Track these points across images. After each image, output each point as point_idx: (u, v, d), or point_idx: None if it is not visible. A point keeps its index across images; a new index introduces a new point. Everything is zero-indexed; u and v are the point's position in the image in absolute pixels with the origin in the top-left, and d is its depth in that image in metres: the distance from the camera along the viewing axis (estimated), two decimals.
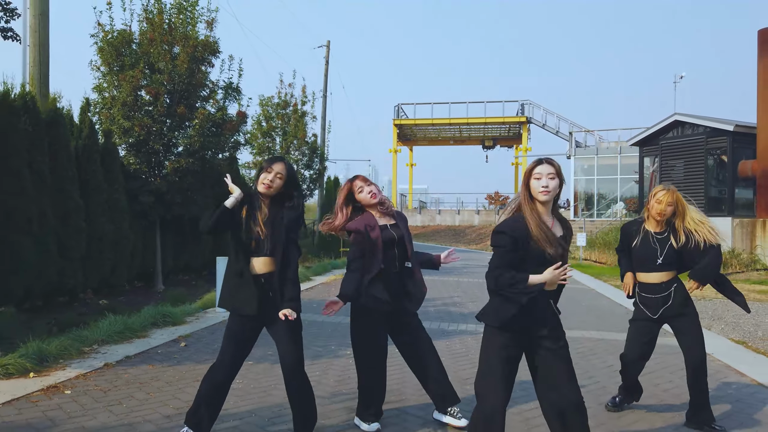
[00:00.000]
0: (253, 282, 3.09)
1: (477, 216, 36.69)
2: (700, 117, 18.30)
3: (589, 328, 7.09)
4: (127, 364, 4.97)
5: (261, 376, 4.65)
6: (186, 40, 10.84)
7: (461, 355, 5.58)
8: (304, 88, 18.06)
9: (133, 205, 10.47)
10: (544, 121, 34.99)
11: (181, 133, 11.08)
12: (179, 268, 12.76)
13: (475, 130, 37.99)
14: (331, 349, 5.76)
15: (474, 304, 8.75)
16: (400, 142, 38.28)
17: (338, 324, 6.89)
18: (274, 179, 3.16)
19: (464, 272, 13.81)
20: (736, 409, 4.10)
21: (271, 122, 16.90)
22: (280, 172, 3.18)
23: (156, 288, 11.11)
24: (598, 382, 4.75)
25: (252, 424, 3.63)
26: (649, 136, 19.53)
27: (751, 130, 16.80)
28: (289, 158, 16.90)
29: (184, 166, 10.70)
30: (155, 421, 3.64)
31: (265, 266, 3.15)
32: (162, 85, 10.49)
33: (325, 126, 24.66)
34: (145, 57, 10.58)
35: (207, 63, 11.32)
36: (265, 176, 3.16)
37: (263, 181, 3.16)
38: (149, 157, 10.88)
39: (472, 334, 6.52)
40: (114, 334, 5.67)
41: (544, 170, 2.70)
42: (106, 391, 4.21)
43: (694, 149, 18.14)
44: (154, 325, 6.35)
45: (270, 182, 3.15)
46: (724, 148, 17.52)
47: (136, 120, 10.30)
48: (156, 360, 5.13)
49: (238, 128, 11.98)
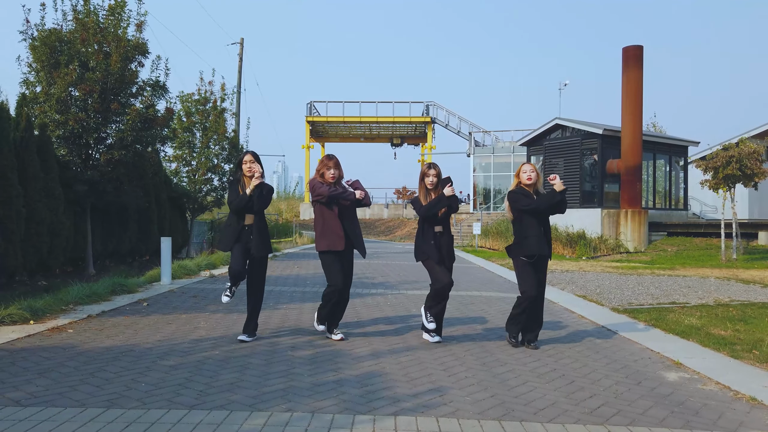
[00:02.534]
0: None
1: (386, 210, 38.69)
2: (576, 121, 21.07)
3: (481, 290, 8.94)
4: (105, 316, 6.13)
5: (220, 322, 6.00)
6: (118, 41, 11.67)
7: (373, 306, 7.17)
8: (223, 85, 18.98)
9: (67, 193, 11.20)
10: (447, 122, 37.55)
11: (113, 127, 11.91)
12: (107, 254, 13.48)
13: (384, 129, 39.91)
14: (269, 305, 7.17)
15: (383, 278, 10.42)
16: (312, 139, 39.46)
17: (286, 290, 8.29)
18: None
19: (374, 257, 15.55)
20: (564, 331, 5.97)
21: (191, 118, 17.71)
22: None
23: (87, 272, 11.87)
24: (488, 321, 6.50)
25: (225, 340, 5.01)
26: (535, 137, 22.14)
27: (617, 133, 19.66)
28: (209, 152, 17.81)
29: (116, 157, 11.54)
30: (151, 342, 4.93)
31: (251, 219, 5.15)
32: (95, 83, 11.27)
33: (239, 121, 25.54)
34: (78, 56, 11.32)
35: (138, 63, 12.19)
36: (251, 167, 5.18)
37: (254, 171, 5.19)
38: (81, 149, 11.63)
39: (381, 295, 8.15)
40: (84, 297, 6.74)
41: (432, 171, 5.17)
42: (100, 329, 5.41)
43: (572, 149, 20.89)
44: (113, 292, 7.44)
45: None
46: (596, 149, 20.35)
47: (70, 114, 11.03)
48: (127, 313, 6.33)
49: (167, 123, 12.92)
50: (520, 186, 5.14)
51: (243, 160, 5.21)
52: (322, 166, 5.17)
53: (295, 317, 6.34)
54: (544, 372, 4.30)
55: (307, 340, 5.19)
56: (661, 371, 4.37)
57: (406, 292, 8.67)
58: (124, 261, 14.10)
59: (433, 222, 5.12)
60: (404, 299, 7.88)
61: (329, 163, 5.14)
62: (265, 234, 5.19)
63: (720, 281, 10.44)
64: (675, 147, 22.26)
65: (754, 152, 14.32)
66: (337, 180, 5.18)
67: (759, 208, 22.96)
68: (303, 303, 7.36)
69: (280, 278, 10.29)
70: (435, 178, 5.12)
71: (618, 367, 4.47)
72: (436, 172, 5.15)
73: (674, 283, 10.12)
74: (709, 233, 18.35)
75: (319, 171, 5.16)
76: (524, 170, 5.16)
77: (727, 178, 14.54)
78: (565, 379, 4.12)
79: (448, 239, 5.19)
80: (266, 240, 5.22)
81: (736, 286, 9.63)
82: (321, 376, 4.06)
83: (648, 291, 8.91)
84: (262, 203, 5.14)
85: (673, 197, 22.69)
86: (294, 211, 39.95)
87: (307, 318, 6.29)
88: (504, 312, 6.63)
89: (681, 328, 5.87)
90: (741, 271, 12.45)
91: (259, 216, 5.19)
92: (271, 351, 4.75)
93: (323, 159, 5.22)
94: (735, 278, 10.90)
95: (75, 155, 11.67)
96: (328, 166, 5.13)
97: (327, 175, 5.10)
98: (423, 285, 9.44)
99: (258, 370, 4.15)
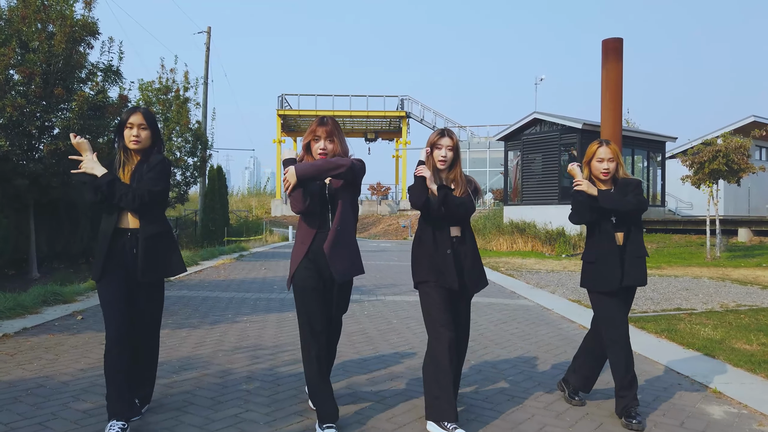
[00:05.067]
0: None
1: (360, 206, 37.73)
2: (555, 115, 20.48)
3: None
4: (26, 334, 5.11)
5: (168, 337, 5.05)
6: (63, 20, 10.52)
7: (347, 316, 6.29)
8: (186, 74, 17.84)
9: (5, 188, 10.04)
10: (422, 116, 36.78)
11: (58, 115, 10.75)
12: (55, 255, 12.31)
13: (358, 123, 38.94)
14: (228, 317, 6.21)
15: (357, 281, 9.55)
16: (284, 133, 38.25)
17: (231, 298, 7.33)
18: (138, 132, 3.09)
19: None
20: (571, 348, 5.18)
21: (151, 107, 16.51)
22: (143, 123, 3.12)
23: (31, 275, 10.72)
24: None
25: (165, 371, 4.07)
26: (513, 132, 21.48)
27: (596, 127, 19.11)
28: (171, 145, 16.66)
29: (62, 148, 10.40)
30: (71, 373, 3.96)
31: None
32: (37, 65, 10.11)
33: (206, 113, 24.33)
34: (17, 35, 10.14)
35: (86, 44, 11.05)
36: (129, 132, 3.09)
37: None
38: (22, 139, 10.45)
39: (356, 302, 7.27)
40: (5, 310, 5.70)
41: (445, 142, 3.20)
42: (12, 354, 4.41)
43: (550, 144, 20.28)
44: (44, 303, 6.40)
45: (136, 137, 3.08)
46: (575, 143, 19.78)
47: (8, 100, 9.85)
48: (55, 330, 5.31)
49: (120, 112, 11.78)
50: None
51: (128, 123, 3.11)
52: (308, 135, 3.17)
53: (256, 333, 5.42)
54: (561, 411, 3.48)
55: (267, 367, 4.27)
56: (702, 404, 3.58)
57: (384, 298, 7.81)
58: (75, 263, 12.93)
59: (447, 220, 3.20)
60: (382, 307, 7.02)
61: (319, 131, 3.12)
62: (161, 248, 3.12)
63: (714, 282, 9.84)
64: (653, 142, 21.87)
65: (741, 147, 13.84)
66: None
67: (735, 204, 22.77)
68: (267, 314, 6.43)
69: (245, 282, 9.32)
70: (450, 151, 3.20)
71: (649, 399, 3.66)
72: (453, 143, 3.22)
73: (669, 284, 9.47)
74: (688, 230, 17.95)
75: (304, 143, 3.20)
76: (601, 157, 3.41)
77: (713, 173, 14.04)
78: (592, 421, 3.30)
79: (472, 248, 3.27)
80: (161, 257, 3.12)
81: (734, 288, 9.02)
82: (281, 423, 3.16)
83: (645, 294, 8.21)
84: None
85: (650, 193, 22.31)
86: (265, 207, 38.71)
87: (269, 334, 5.37)
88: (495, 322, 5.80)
89: (700, 342, 5.13)
90: (730, 270, 11.92)
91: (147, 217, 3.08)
92: (221, 384, 3.81)
93: (313, 123, 3.20)
94: (728, 278, 10.33)
95: (15, 146, 10.46)
96: (316, 135, 3.12)
97: (314, 150, 3.12)
98: (402, 290, 8.59)
99: (200, 416, 3.22)
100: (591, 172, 3.44)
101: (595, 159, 3.40)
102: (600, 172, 3.38)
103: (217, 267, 11.72)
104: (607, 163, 3.36)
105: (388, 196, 38.87)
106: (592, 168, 3.43)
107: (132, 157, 3.13)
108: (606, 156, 3.37)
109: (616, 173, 3.42)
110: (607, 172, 3.38)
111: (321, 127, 3.12)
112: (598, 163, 3.39)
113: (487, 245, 18.79)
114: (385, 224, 30.99)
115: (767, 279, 10.19)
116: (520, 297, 8.07)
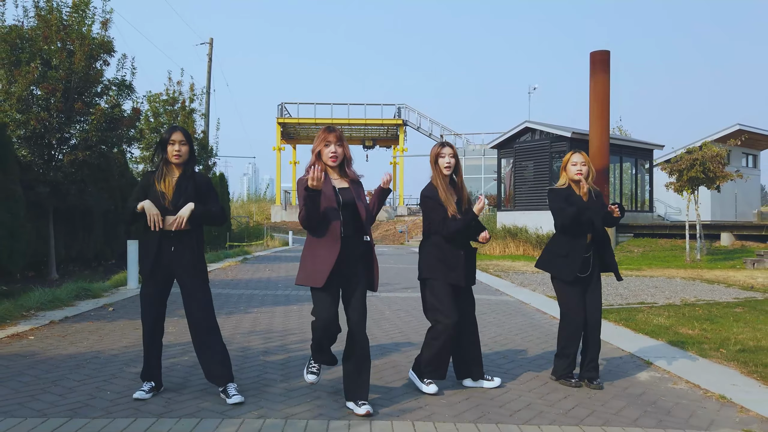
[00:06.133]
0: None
1: None
2: (545, 124, 21.34)
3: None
4: (68, 322, 5.92)
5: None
6: (82, 39, 11.36)
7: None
8: (192, 86, 18.70)
9: (29, 196, 10.84)
10: (419, 124, 37.68)
11: (77, 127, 11.58)
12: (71, 258, 13.10)
13: (356, 131, 39.83)
14: (240, 308, 7.03)
15: None
16: (283, 141, 39.12)
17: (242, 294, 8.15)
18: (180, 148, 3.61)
19: None
20: (537, 332, 6.00)
21: (159, 118, 17.37)
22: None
23: (50, 276, 11.51)
24: None
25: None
26: (506, 140, 22.34)
27: (585, 136, 19.93)
28: None
29: (81, 158, 11.21)
30: (117, 348, 4.77)
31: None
32: (58, 82, 10.94)
33: (209, 122, 25.18)
34: (40, 54, 10.98)
35: (102, 61, 11.89)
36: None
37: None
38: (43, 150, 11.27)
39: None
40: (45, 302, 6.51)
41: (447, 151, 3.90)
42: (63, 336, 5.22)
43: (541, 152, 21.13)
44: (77, 297, 7.20)
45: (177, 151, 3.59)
46: (565, 152, 20.63)
47: (32, 114, 10.68)
48: (92, 318, 6.13)
49: (134, 124, 12.62)
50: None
51: (171, 140, 3.62)
52: (319, 143, 3.49)
53: (267, 321, 6.23)
54: (518, 374, 4.30)
55: (279, 345, 5.09)
56: (633, 371, 4.41)
57: (379, 294, 8.62)
58: (89, 265, 13.71)
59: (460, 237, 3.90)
60: (377, 301, 7.83)
61: (329, 137, 3.48)
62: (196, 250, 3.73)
63: (686, 281, 10.67)
64: (641, 150, 22.71)
65: (716, 155, 14.70)
66: (342, 163, 3.55)
67: (721, 210, 23.60)
68: (275, 306, 7.24)
69: (251, 282, 10.13)
70: (452, 158, 3.88)
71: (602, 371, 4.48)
72: (453, 151, 3.92)
73: (641, 283, 10.30)
74: (674, 234, 18.74)
75: (315, 150, 3.50)
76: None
77: (691, 180, 14.89)
78: (539, 381, 4.12)
79: (474, 250, 4.05)
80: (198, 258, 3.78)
81: (701, 286, 9.85)
82: (294, 381, 3.97)
83: (617, 291, 9.03)
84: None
85: (639, 199, 23.13)
86: (265, 213, 39.54)
87: (278, 321, 6.19)
88: None
89: (650, 327, 5.95)
90: (705, 271, 12.75)
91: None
92: (242, 356, 4.64)
93: (321, 132, 3.52)
94: (700, 278, 11.15)
95: (37, 156, 11.30)
96: (327, 140, 3.48)
97: (325, 155, 3.47)
98: (396, 288, 9.40)
99: None
100: (567, 174, 4.21)
101: (570, 164, 4.20)
102: (574, 174, 4.15)
103: (224, 269, 12.53)
104: (579, 166, 4.12)
105: (385, 202, 39.66)
106: (567, 171, 4.21)
107: (173, 170, 3.70)
108: (579, 160, 4.15)
109: (588, 176, 4.16)
110: (580, 173, 4.13)
111: (331, 134, 3.48)
112: (572, 167, 4.17)
113: (480, 249, 19.59)
114: (383, 229, 31.83)
115: (736, 279, 11.01)
116: (503, 294, 8.88)
